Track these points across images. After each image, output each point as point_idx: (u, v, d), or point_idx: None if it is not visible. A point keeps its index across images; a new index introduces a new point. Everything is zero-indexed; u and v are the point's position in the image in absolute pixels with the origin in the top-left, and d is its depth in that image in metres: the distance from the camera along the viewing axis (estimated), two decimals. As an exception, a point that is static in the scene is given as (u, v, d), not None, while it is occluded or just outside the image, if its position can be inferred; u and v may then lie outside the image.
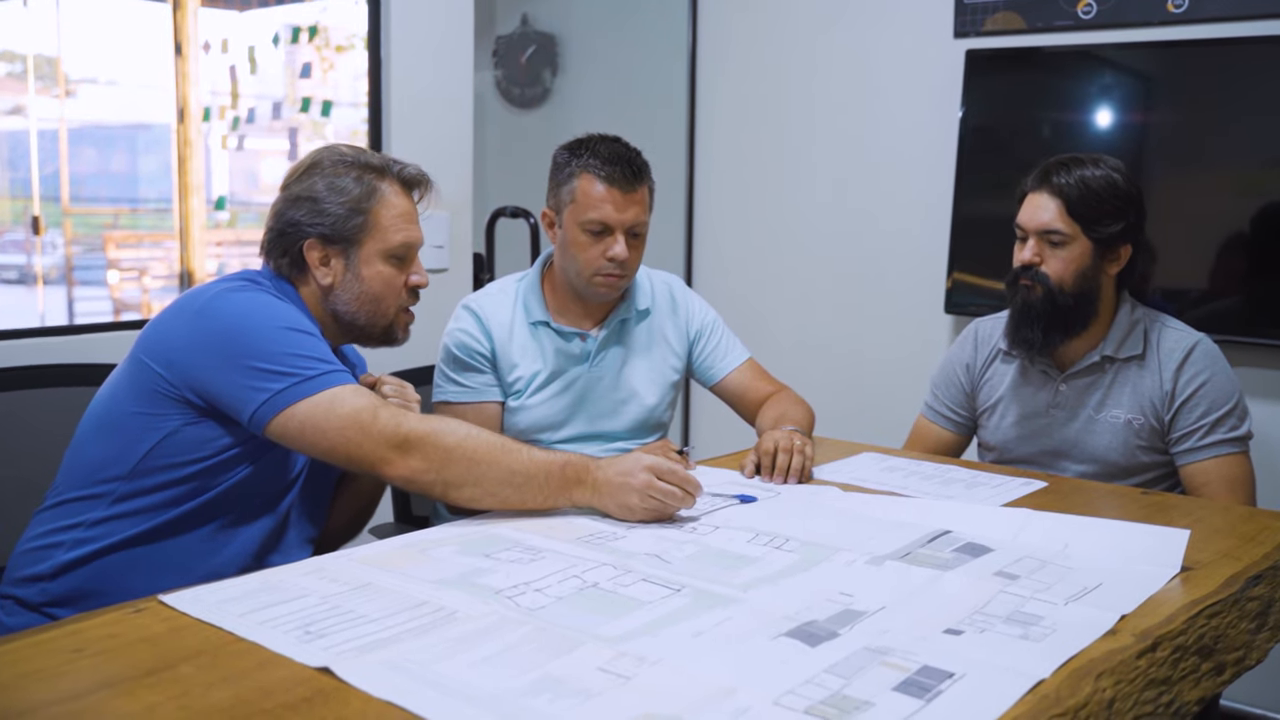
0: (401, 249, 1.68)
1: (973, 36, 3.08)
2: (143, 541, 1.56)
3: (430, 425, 1.53)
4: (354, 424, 1.50)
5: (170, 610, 1.23)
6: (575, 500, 1.59)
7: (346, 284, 1.66)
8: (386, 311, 1.70)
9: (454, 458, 1.52)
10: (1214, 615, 1.32)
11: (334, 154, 1.67)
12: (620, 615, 1.22)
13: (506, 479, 1.54)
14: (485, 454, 1.53)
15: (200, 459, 1.56)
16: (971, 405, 2.29)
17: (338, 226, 1.64)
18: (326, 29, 5.34)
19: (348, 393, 1.53)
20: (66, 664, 1.10)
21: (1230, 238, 2.72)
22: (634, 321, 2.16)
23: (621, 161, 1.99)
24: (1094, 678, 1.10)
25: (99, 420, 1.60)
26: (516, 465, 1.55)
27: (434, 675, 1.06)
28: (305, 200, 1.64)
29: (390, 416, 1.52)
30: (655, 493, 1.57)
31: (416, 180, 1.72)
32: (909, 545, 1.51)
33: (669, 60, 3.70)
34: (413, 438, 1.51)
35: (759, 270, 3.58)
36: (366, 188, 1.65)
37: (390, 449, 1.51)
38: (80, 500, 1.57)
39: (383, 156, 1.70)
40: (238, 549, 1.61)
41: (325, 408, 1.51)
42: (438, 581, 1.32)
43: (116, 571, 1.55)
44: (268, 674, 1.07)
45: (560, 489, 1.58)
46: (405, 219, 1.68)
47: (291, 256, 1.66)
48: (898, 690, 1.05)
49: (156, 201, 7.56)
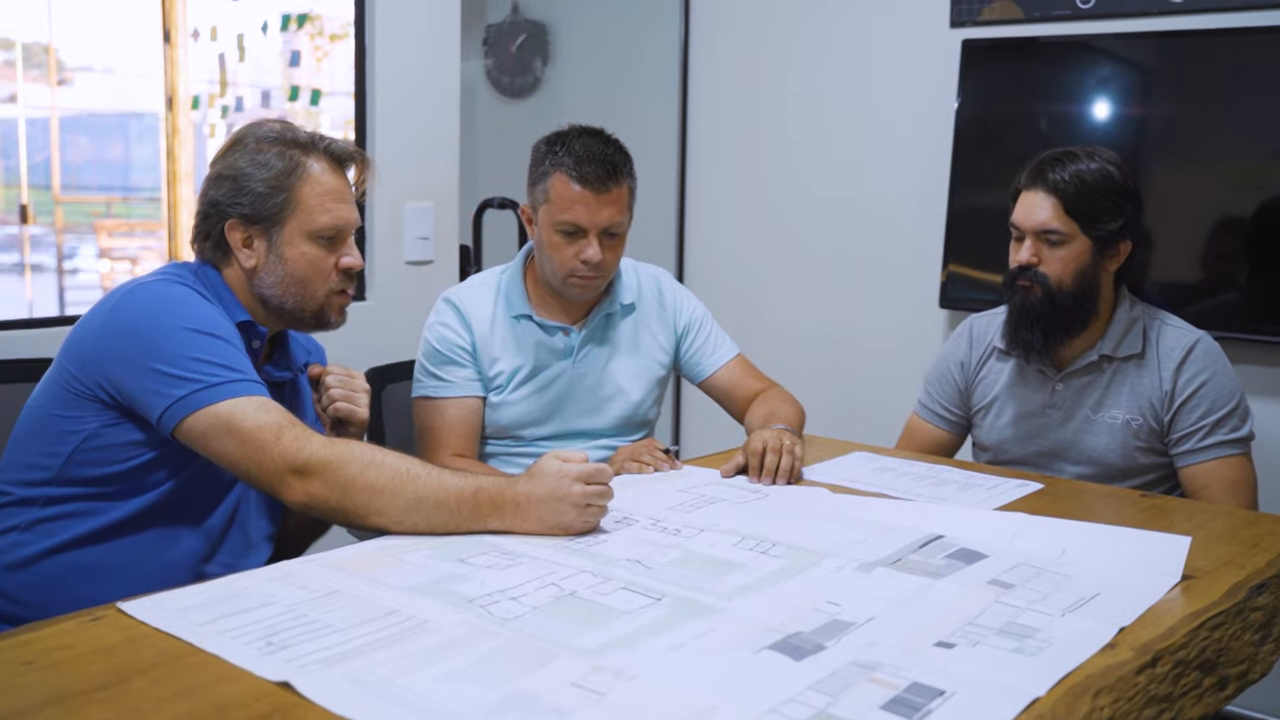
0: (329, 229, 1.59)
1: (969, 26, 3.03)
2: (83, 544, 1.51)
3: (333, 452, 1.44)
4: (254, 442, 1.43)
5: (128, 619, 1.18)
6: (491, 527, 1.46)
7: (270, 266, 1.58)
8: (314, 295, 1.61)
9: (355, 487, 1.43)
10: (1216, 627, 1.27)
11: (259, 130, 1.59)
12: (597, 626, 1.17)
13: (413, 507, 1.44)
14: (388, 483, 1.43)
15: (127, 459, 1.50)
16: (966, 404, 2.24)
17: (258, 205, 1.56)
18: (319, 17, 5.28)
19: (252, 406, 1.45)
20: (14, 678, 1.05)
21: (1231, 232, 2.67)
22: (619, 316, 2.11)
23: (596, 160, 1.91)
24: (1091, 695, 1.05)
25: (27, 421, 1.55)
26: (424, 493, 1.44)
27: (398, 690, 1.01)
28: (227, 179, 1.57)
29: (293, 440, 1.43)
30: (592, 500, 1.47)
31: (347, 156, 1.63)
32: (900, 551, 1.46)
33: (661, 50, 3.64)
34: (313, 464, 1.42)
35: (750, 263, 3.52)
36: (289, 164, 1.56)
37: (289, 473, 1.43)
38: (15, 504, 1.53)
39: (311, 133, 1.61)
40: (186, 549, 1.55)
41: (226, 420, 1.44)
42: (409, 588, 1.27)
43: (58, 576, 1.50)
44: (225, 688, 1.03)
45: (473, 516, 1.46)
46: (333, 197, 1.59)
47: (214, 239, 1.59)
48: (885, 709, 1.00)
49: (148, 190, 7.48)
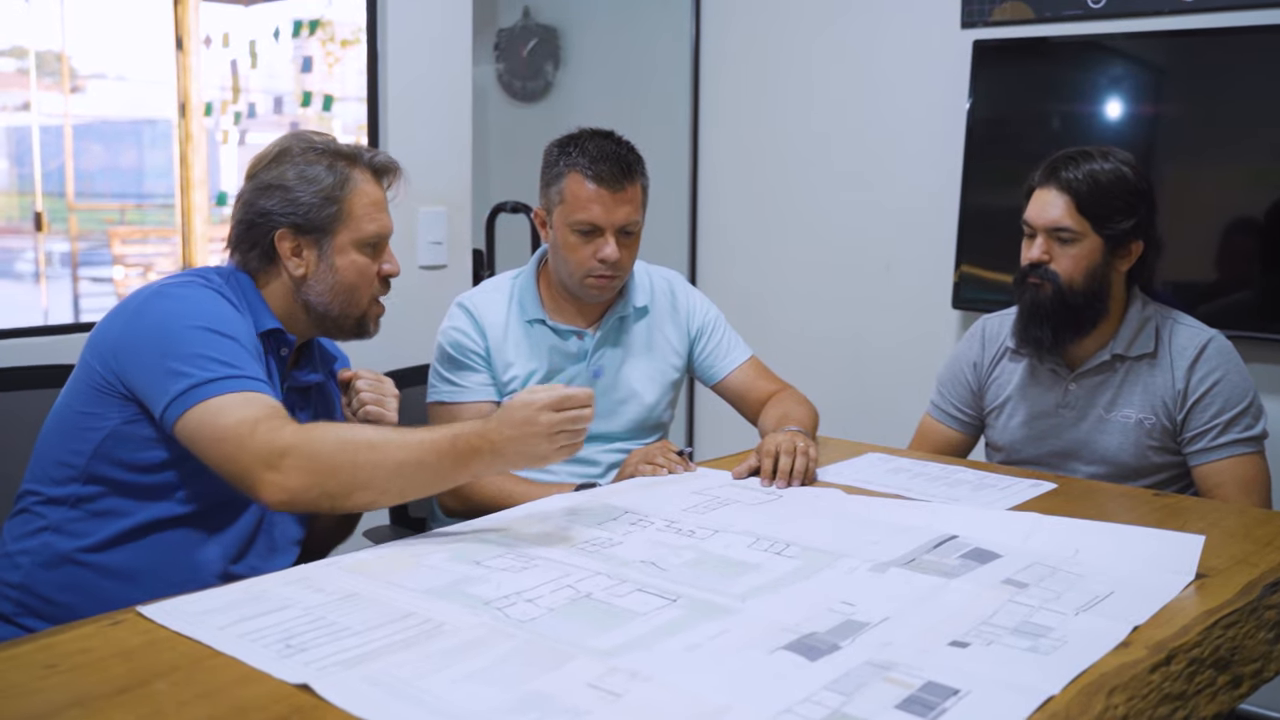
0: (375, 237, 1.64)
1: (980, 27, 3.03)
2: (112, 545, 1.52)
3: (304, 435, 1.41)
4: (232, 437, 1.40)
5: (148, 622, 1.19)
6: (476, 472, 1.44)
7: (320, 274, 1.62)
8: (360, 302, 1.65)
9: (332, 466, 1.39)
10: (1230, 625, 1.27)
11: (304, 141, 1.63)
12: (613, 627, 1.18)
13: (396, 472, 1.40)
14: (367, 454, 1.39)
15: (149, 458, 1.51)
16: (979, 404, 2.24)
17: (311, 215, 1.59)
18: (331, 23, 5.31)
19: (238, 401, 1.42)
20: (38, 680, 1.06)
21: (1243, 231, 2.67)
22: (632, 319, 2.11)
23: (611, 159, 1.93)
24: (1105, 694, 1.06)
25: (55, 421, 1.56)
26: (402, 455, 1.40)
27: (416, 691, 1.02)
28: (276, 189, 1.59)
29: (267, 431, 1.39)
30: (563, 426, 1.42)
31: (387, 168, 1.68)
32: (914, 551, 1.46)
33: (672, 52, 3.65)
34: (288, 450, 1.38)
35: (763, 264, 3.53)
36: (339, 176, 1.61)
37: (265, 467, 1.38)
38: (46, 503, 1.54)
39: (353, 145, 1.66)
40: (213, 553, 1.56)
41: (212, 416, 1.41)
42: (426, 591, 1.28)
43: (89, 578, 1.51)
44: (245, 690, 1.04)
45: (456, 465, 1.42)
46: (377, 207, 1.65)
47: (262, 248, 1.61)
48: (900, 709, 1.00)
49: (162, 197, 7.53)
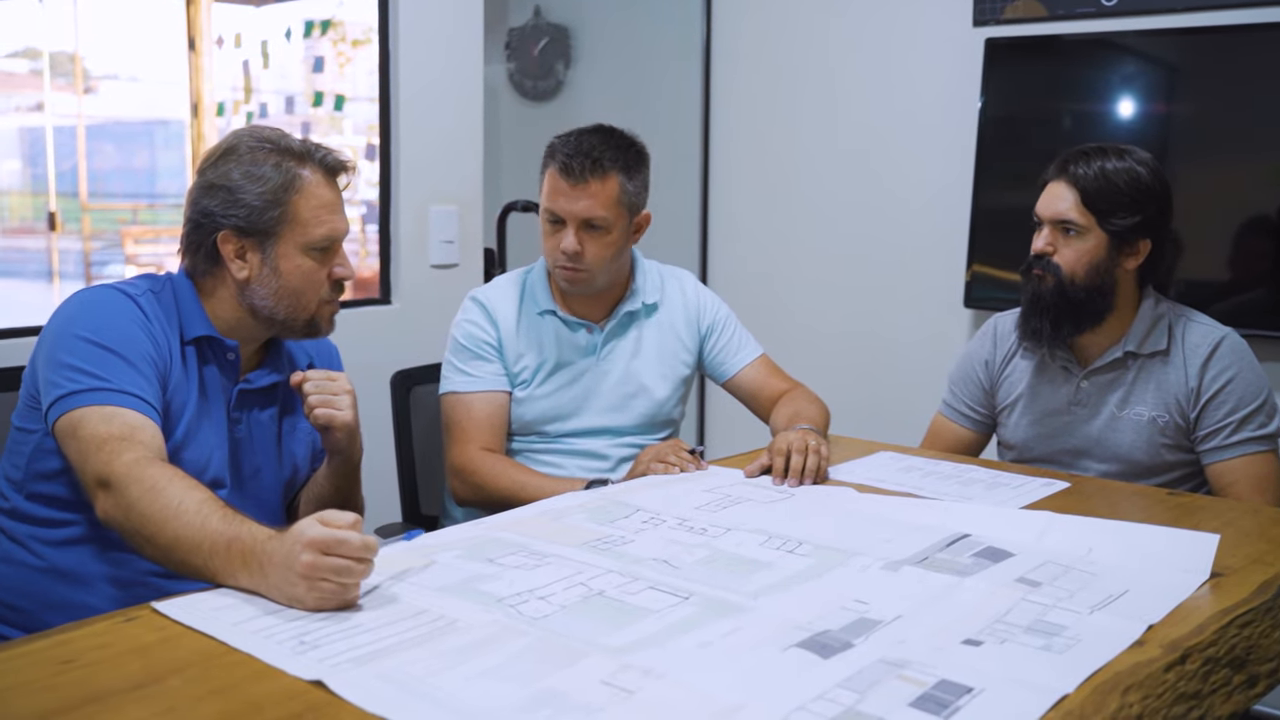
0: (323, 241, 1.58)
1: (992, 25, 3.02)
2: (60, 546, 1.53)
3: (130, 471, 1.35)
4: (82, 451, 1.40)
5: (163, 619, 1.20)
6: (241, 584, 1.27)
7: (263, 278, 1.56)
8: (307, 305, 1.60)
9: (135, 511, 1.34)
10: (1246, 624, 1.27)
11: (252, 138, 1.56)
12: (626, 625, 1.18)
13: (172, 544, 1.31)
14: (158, 513, 1.32)
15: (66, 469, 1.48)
16: (990, 403, 2.24)
17: (254, 219, 1.53)
18: (342, 23, 5.31)
19: (96, 417, 1.41)
20: (55, 675, 1.07)
21: (1257, 229, 2.65)
22: (641, 315, 2.13)
23: (582, 153, 1.94)
24: (1120, 692, 1.05)
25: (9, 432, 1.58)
26: (184, 532, 1.30)
27: (429, 688, 1.03)
28: (220, 189, 1.54)
29: (108, 454, 1.37)
30: (324, 574, 1.20)
31: (339, 167, 1.60)
32: (927, 550, 1.46)
33: (683, 51, 3.65)
34: (112, 480, 1.36)
35: (774, 263, 3.53)
36: (286, 176, 1.54)
37: (96, 485, 1.38)
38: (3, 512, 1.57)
39: (304, 141, 1.60)
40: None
41: (71, 429, 1.41)
42: (439, 588, 1.29)
43: (45, 582, 1.52)
44: (259, 686, 1.04)
45: (225, 567, 1.28)
46: (328, 209, 1.58)
47: (206, 249, 1.56)
48: (914, 706, 1.00)
49: (175, 197, 7.55)
